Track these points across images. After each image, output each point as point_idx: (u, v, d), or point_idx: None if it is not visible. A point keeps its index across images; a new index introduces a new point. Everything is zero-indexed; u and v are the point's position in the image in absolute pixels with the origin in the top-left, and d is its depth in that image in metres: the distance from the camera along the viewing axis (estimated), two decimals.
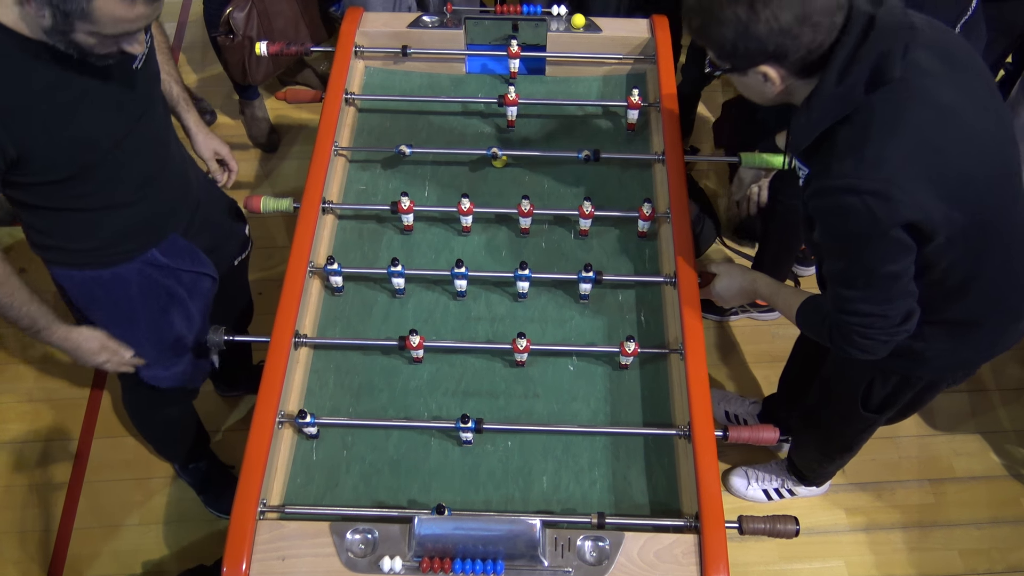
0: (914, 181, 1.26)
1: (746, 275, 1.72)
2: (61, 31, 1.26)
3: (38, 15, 1.25)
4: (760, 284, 1.69)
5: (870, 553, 2.26)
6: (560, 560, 1.35)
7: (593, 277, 1.68)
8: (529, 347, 1.59)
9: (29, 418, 2.49)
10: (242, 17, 2.54)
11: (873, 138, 1.26)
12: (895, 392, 1.69)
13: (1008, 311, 1.53)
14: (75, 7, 1.21)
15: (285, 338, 1.57)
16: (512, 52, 2.02)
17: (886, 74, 1.26)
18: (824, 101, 1.28)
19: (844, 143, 1.29)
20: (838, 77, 1.26)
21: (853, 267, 1.35)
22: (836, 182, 1.28)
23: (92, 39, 1.28)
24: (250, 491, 1.39)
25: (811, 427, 2.03)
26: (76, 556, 2.24)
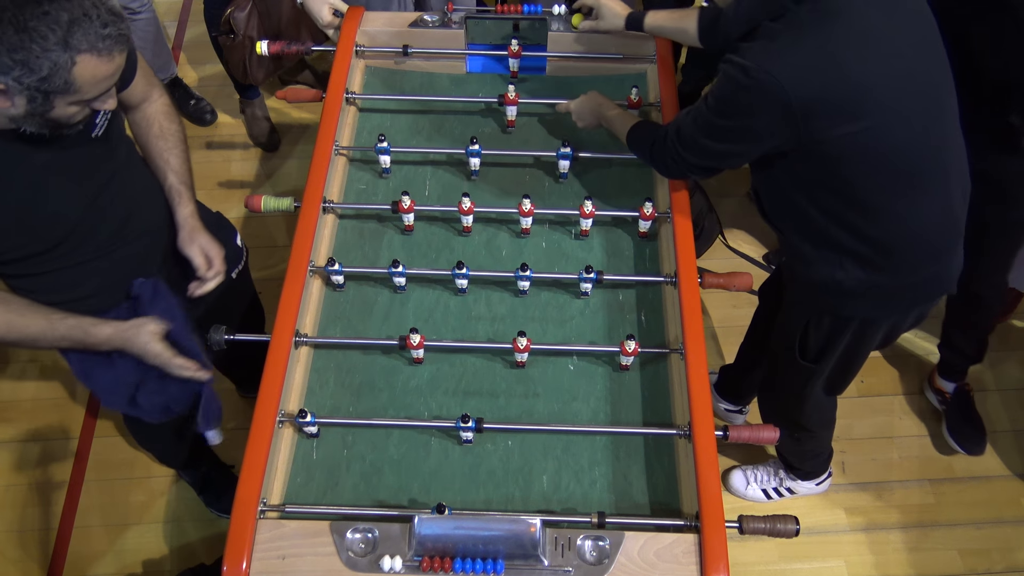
0: (800, 85, 1.37)
1: (598, 99, 1.88)
2: (39, 113, 1.23)
3: (8, 104, 1.21)
4: (608, 107, 1.86)
5: (870, 553, 2.26)
6: (560, 559, 1.36)
7: (594, 277, 1.68)
8: (530, 346, 1.59)
9: (29, 418, 2.49)
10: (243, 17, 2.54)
11: (785, 37, 1.40)
12: (830, 336, 1.72)
13: (924, 245, 1.58)
14: (57, 83, 1.18)
15: (285, 337, 1.57)
16: (513, 51, 2.02)
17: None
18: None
19: (764, 33, 1.44)
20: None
21: (715, 123, 1.50)
22: (740, 59, 1.41)
23: (73, 108, 1.25)
24: (250, 490, 1.39)
25: (767, 398, 2.09)
26: (76, 555, 2.24)
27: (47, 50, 1.15)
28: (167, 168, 1.65)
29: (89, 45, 1.17)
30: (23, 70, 1.16)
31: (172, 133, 1.67)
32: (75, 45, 1.16)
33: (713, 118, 1.51)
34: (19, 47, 1.14)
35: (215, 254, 1.67)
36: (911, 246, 1.57)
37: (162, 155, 1.65)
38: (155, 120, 1.65)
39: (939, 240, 1.59)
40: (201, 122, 3.18)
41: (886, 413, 2.52)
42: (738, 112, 1.46)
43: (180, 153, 1.67)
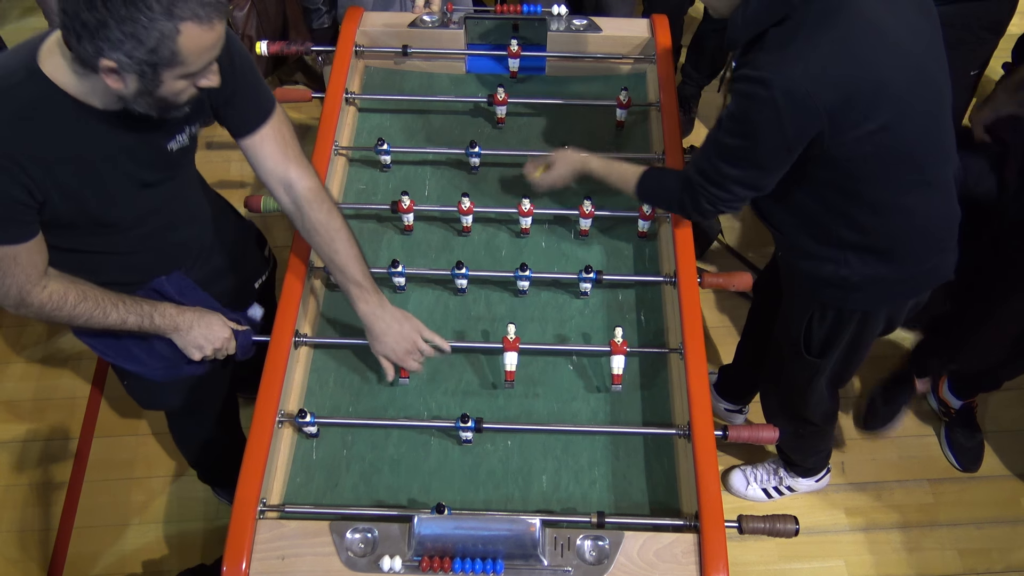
0: (825, 84, 1.34)
1: (577, 156, 1.75)
2: (148, 90, 1.25)
3: (118, 85, 1.23)
4: (592, 163, 1.74)
5: (870, 553, 2.26)
6: (560, 559, 1.36)
7: (594, 277, 1.68)
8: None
9: (29, 418, 2.49)
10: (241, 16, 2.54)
11: (798, 39, 1.35)
12: (833, 329, 1.72)
13: (929, 238, 1.58)
14: (164, 55, 1.20)
15: (285, 337, 1.57)
16: (512, 52, 2.02)
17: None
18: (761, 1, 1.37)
19: (772, 41, 1.38)
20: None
21: (744, 150, 1.44)
22: (755, 72, 1.36)
23: (180, 83, 1.27)
24: (250, 490, 1.39)
25: (770, 394, 2.08)
26: (76, 555, 2.24)
27: (153, 20, 1.16)
28: (333, 266, 1.58)
29: (191, 13, 1.19)
30: (133, 43, 1.18)
31: (325, 225, 1.56)
32: (178, 14, 1.18)
33: (739, 143, 1.44)
34: (127, 19, 1.16)
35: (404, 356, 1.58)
36: (917, 240, 1.57)
37: (324, 251, 1.58)
38: (306, 212, 1.57)
39: (943, 232, 1.60)
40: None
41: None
42: (766, 129, 1.39)
43: (343, 248, 1.56)
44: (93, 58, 1.20)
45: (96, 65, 1.21)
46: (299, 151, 1.59)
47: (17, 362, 2.62)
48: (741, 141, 1.44)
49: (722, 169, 1.49)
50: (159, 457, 2.41)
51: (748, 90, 1.38)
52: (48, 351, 2.63)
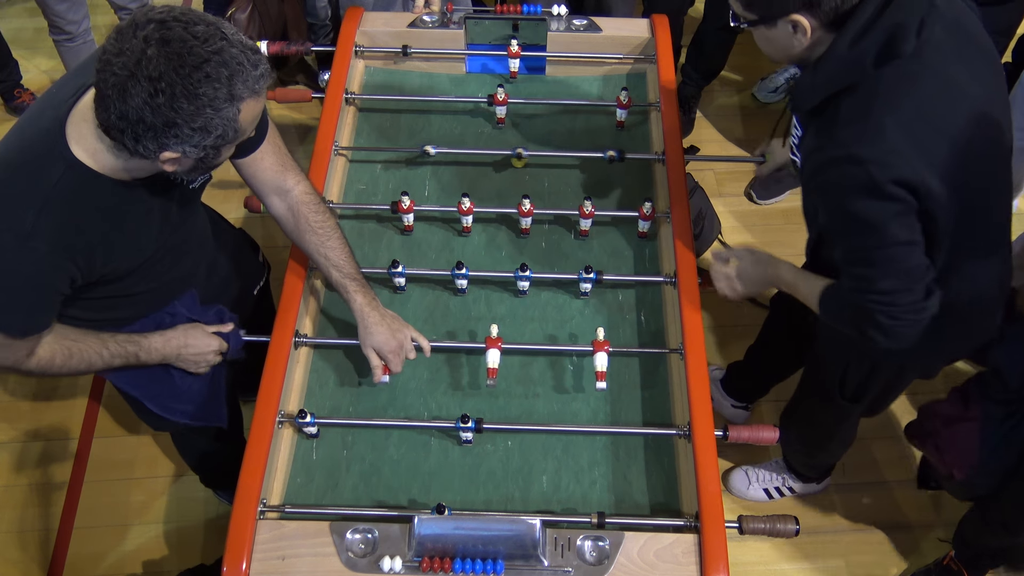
0: (913, 153, 1.25)
1: (767, 260, 1.63)
2: (207, 166, 1.27)
3: (175, 168, 1.24)
4: (783, 269, 1.59)
5: (870, 553, 2.26)
6: (560, 560, 1.36)
7: (594, 277, 1.68)
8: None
9: (29, 418, 2.49)
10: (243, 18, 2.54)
11: (875, 109, 1.25)
12: (869, 377, 1.69)
13: (984, 302, 1.53)
14: (228, 135, 1.20)
15: (285, 338, 1.57)
16: (512, 52, 2.02)
17: (897, 48, 1.24)
18: (833, 63, 1.26)
19: (847, 113, 1.28)
20: (852, 41, 1.24)
21: (866, 241, 1.30)
22: (837, 152, 1.26)
23: (230, 149, 1.29)
24: (250, 491, 1.39)
25: (794, 421, 2.05)
26: (76, 556, 2.24)
27: (218, 110, 1.16)
28: (327, 264, 1.59)
29: (248, 91, 1.19)
30: (202, 135, 1.18)
31: (321, 224, 1.59)
32: (238, 95, 1.17)
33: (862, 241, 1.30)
34: (196, 115, 1.15)
35: (393, 353, 1.57)
36: (972, 304, 1.49)
37: (319, 250, 1.59)
38: (301, 214, 1.59)
39: (995, 292, 1.53)
40: None
41: (886, 413, 2.51)
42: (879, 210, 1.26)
43: (337, 245, 1.59)
44: (154, 153, 1.19)
45: (155, 157, 1.20)
46: (291, 157, 1.60)
47: None
48: (862, 234, 1.30)
49: (865, 274, 1.33)
50: (159, 457, 2.41)
51: (839, 173, 1.26)
52: None
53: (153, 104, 1.12)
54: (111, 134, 1.19)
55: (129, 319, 1.55)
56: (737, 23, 1.35)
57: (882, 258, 1.31)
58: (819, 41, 1.30)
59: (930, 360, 1.66)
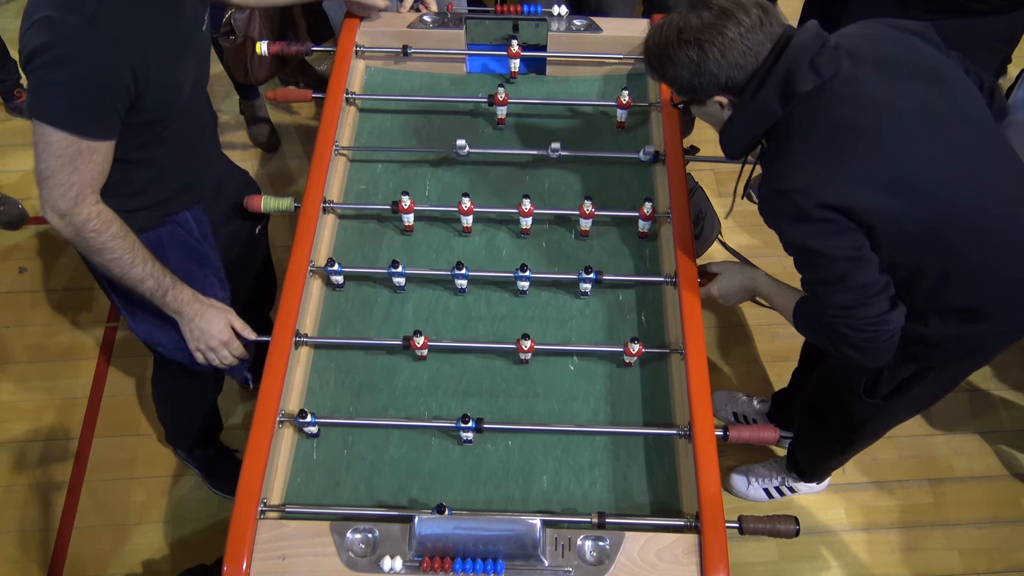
0: (834, 177, 1.36)
1: (746, 272, 1.74)
2: None
3: None
4: (760, 282, 1.71)
5: (870, 553, 2.26)
6: (560, 560, 1.36)
7: (594, 277, 1.68)
8: (534, 347, 1.59)
9: (29, 418, 2.49)
10: (244, 18, 2.54)
11: (792, 144, 1.40)
12: (905, 380, 1.67)
13: (1013, 298, 1.52)
14: None
15: (286, 337, 1.57)
16: (512, 52, 2.02)
17: (794, 88, 1.38)
18: (742, 114, 1.45)
19: (773, 152, 1.46)
20: (752, 93, 1.42)
21: (812, 261, 1.42)
22: (768, 188, 1.43)
23: None
24: (251, 490, 1.39)
25: (818, 421, 2.02)
26: (76, 555, 2.24)
27: None
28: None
29: None
30: None
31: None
32: None
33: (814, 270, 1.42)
34: None
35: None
36: (1003, 301, 1.51)
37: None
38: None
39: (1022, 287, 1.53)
40: None
41: None
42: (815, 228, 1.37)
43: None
44: None
45: None
46: None
47: (17, 362, 2.61)
48: (815, 263, 1.42)
49: (832, 300, 1.42)
50: (159, 457, 2.41)
51: (772, 207, 1.43)
52: (48, 351, 2.63)
53: None
54: None
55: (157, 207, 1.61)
56: (676, 103, 1.61)
57: (831, 276, 1.41)
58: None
59: (962, 360, 1.66)
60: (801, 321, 1.58)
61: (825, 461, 2.16)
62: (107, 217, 1.46)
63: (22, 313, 2.70)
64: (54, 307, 2.71)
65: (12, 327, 2.69)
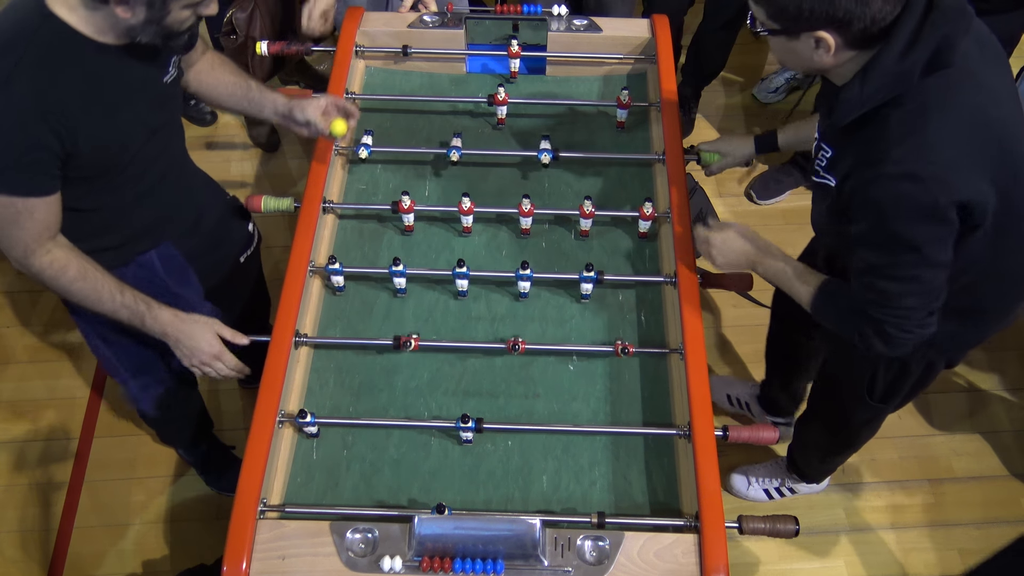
0: (971, 167, 1.23)
1: (750, 243, 1.60)
2: (156, 19, 1.30)
3: (126, 15, 1.28)
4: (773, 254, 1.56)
5: (870, 553, 2.26)
6: (560, 560, 1.36)
7: (595, 277, 1.68)
8: (524, 347, 1.59)
9: (29, 418, 2.49)
10: (244, 17, 2.54)
11: (930, 123, 1.22)
12: (898, 377, 1.68)
13: (1012, 297, 1.54)
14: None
15: (285, 338, 1.57)
16: (512, 52, 2.02)
17: (946, 57, 1.22)
18: (883, 76, 1.23)
19: (898, 127, 1.24)
20: (901, 52, 1.21)
21: (901, 259, 1.29)
22: (895, 169, 1.22)
23: (185, 12, 1.33)
24: (250, 490, 1.39)
25: (818, 422, 2.03)
26: (76, 555, 2.24)
27: None
28: (244, 78, 1.76)
29: None
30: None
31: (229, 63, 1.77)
32: None
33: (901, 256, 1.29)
34: None
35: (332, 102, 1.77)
36: (1005, 299, 1.51)
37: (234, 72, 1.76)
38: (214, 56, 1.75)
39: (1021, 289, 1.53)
40: (201, 122, 3.18)
41: None
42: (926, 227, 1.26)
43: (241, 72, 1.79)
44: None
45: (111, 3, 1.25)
46: None
47: (17, 362, 2.61)
48: (900, 252, 1.29)
49: (890, 289, 1.32)
50: (159, 457, 2.41)
51: (895, 191, 1.23)
52: (48, 351, 2.63)
53: None
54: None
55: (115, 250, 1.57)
56: (757, 29, 1.32)
57: (911, 277, 1.31)
58: (843, 59, 1.27)
59: (954, 352, 1.66)
60: (827, 305, 1.46)
61: (825, 462, 2.16)
62: (61, 264, 1.45)
63: (22, 313, 2.70)
64: (54, 307, 2.71)
65: (12, 327, 2.69)
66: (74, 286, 1.47)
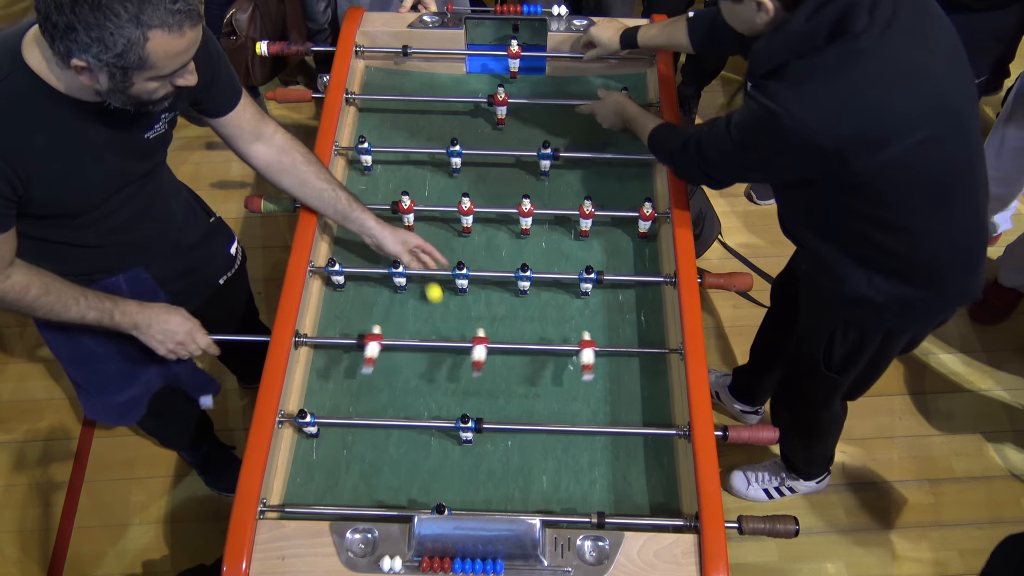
0: (835, 128, 1.35)
1: (618, 102, 1.89)
2: (120, 89, 1.27)
3: (93, 81, 1.26)
4: (629, 107, 1.87)
5: (870, 553, 2.26)
6: (560, 560, 1.36)
7: (594, 278, 1.68)
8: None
9: (29, 418, 2.49)
10: (245, 18, 2.55)
11: (812, 81, 1.36)
12: (855, 347, 1.70)
13: (956, 259, 1.56)
14: (132, 60, 1.22)
15: (285, 338, 1.57)
16: (512, 52, 2.02)
17: (848, 25, 1.33)
18: (789, 35, 1.37)
19: (791, 74, 1.38)
20: (807, 16, 1.35)
21: (740, 153, 1.50)
22: (767, 100, 1.38)
23: (152, 84, 1.29)
24: (250, 490, 1.39)
25: (783, 403, 2.08)
26: (76, 555, 2.24)
27: (120, 27, 1.19)
28: (334, 186, 1.70)
29: (160, 21, 1.21)
30: (100, 47, 1.20)
31: (314, 158, 1.72)
32: (146, 21, 1.20)
33: (736, 149, 1.50)
34: (94, 25, 1.18)
35: (419, 242, 1.73)
36: (944, 262, 1.54)
37: (320, 175, 1.70)
38: (296, 150, 1.69)
39: (970, 253, 1.58)
40: (201, 123, 3.17)
41: (886, 413, 2.52)
42: (763, 148, 1.46)
43: (332, 175, 1.73)
44: (65, 57, 1.22)
45: (68, 63, 1.23)
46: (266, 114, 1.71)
47: (17, 362, 2.62)
48: (738, 150, 1.50)
49: (717, 160, 1.56)
50: (159, 457, 2.41)
51: (757, 112, 1.41)
52: (48, 351, 2.62)
53: (57, 4, 1.17)
54: (42, 34, 1.23)
55: (76, 276, 1.55)
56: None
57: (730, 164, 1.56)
58: (777, 19, 1.40)
59: (909, 322, 1.68)
60: (658, 139, 1.73)
61: (808, 451, 2.16)
62: (21, 287, 1.44)
63: None
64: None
65: (12, 327, 2.69)
66: (38, 302, 1.47)
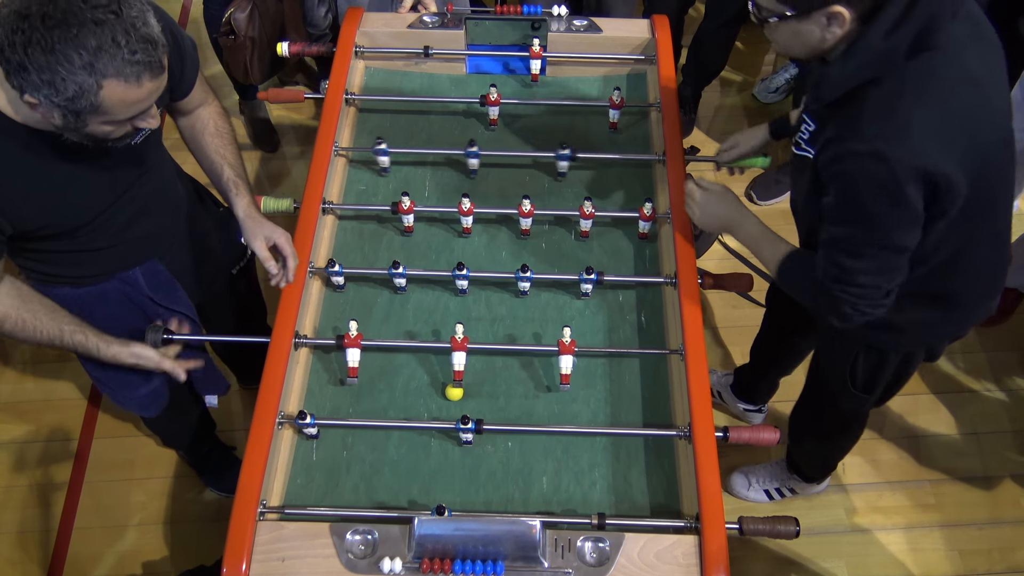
0: (941, 152, 1.23)
1: (734, 210, 1.61)
2: (74, 128, 1.26)
3: (48, 116, 1.24)
4: (749, 220, 1.59)
5: (870, 553, 2.26)
6: (560, 561, 1.35)
7: (595, 278, 1.68)
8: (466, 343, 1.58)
9: (29, 418, 2.49)
10: (243, 18, 2.54)
11: (904, 105, 1.23)
12: (878, 368, 1.69)
13: (989, 285, 1.55)
14: (84, 105, 1.20)
15: (285, 338, 1.57)
16: (534, 52, 2.02)
17: (930, 40, 1.22)
18: (865, 54, 1.23)
19: (875, 106, 1.24)
20: (887, 31, 1.22)
21: (865, 236, 1.31)
22: (864, 146, 1.23)
23: (107, 127, 1.28)
24: (250, 491, 1.39)
25: (805, 421, 2.05)
26: (76, 556, 2.24)
27: (72, 73, 1.16)
28: (223, 162, 1.67)
29: (116, 71, 1.18)
30: (50, 90, 1.18)
31: (226, 131, 1.71)
32: (100, 70, 1.17)
33: (860, 231, 1.30)
34: (46, 68, 1.15)
35: (284, 243, 1.64)
36: (972, 285, 1.51)
37: (218, 151, 1.68)
38: (210, 120, 1.69)
39: (996, 274, 1.55)
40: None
41: (887, 413, 2.52)
42: (889, 208, 1.26)
43: (234, 149, 1.71)
44: (19, 92, 1.20)
45: (22, 97, 1.21)
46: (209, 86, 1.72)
47: (17, 362, 2.61)
48: (862, 228, 1.30)
49: (847, 265, 1.34)
50: (159, 457, 2.41)
51: (862, 168, 1.24)
52: (48, 352, 2.62)
53: (11, 40, 1.15)
54: None
55: (93, 277, 1.56)
56: (762, 18, 1.30)
57: (871, 256, 1.33)
58: (848, 34, 1.26)
59: (931, 342, 1.67)
60: (791, 273, 1.50)
61: (821, 458, 2.16)
62: (1, 313, 1.45)
63: None
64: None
65: None
66: (15, 333, 1.47)
